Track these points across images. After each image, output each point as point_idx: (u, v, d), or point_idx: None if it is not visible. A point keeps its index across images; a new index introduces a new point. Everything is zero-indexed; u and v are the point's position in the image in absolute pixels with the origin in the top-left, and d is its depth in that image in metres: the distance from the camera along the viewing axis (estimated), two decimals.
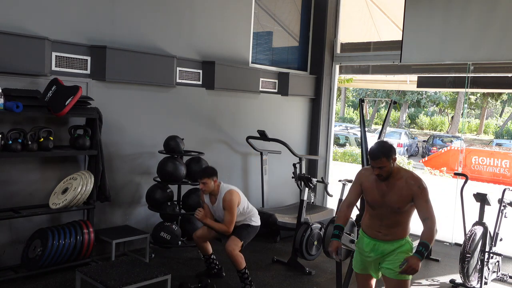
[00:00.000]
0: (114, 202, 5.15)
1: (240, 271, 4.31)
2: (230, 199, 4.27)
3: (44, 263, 4.25)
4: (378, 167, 3.01)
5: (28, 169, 4.51)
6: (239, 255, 4.27)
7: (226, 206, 4.28)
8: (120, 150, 5.21)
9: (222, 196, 4.30)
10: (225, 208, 4.28)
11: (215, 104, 6.18)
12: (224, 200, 4.28)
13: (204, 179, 4.28)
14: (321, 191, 7.48)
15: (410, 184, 3.02)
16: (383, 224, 3.13)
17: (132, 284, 3.50)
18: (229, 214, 4.27)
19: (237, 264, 4.27)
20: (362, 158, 5.71)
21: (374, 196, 3.12)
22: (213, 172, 4.34)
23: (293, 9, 7.37)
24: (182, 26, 5.70)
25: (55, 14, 4.56)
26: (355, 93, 33.03)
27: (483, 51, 5.93)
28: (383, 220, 3.12)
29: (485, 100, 27.68)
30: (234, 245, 4.26)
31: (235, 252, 4.25)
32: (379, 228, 3.15)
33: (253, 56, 6.71)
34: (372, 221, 3.21)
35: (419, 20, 6.39)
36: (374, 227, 3.18)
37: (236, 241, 4.29)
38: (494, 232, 4.95)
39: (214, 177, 4.32)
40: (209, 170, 4.37)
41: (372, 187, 3.14)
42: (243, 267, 4.30)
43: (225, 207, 4.28)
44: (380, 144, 3.11)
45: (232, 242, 4.28)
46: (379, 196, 3.10)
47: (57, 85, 4.32)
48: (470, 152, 14.88)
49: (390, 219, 3.10)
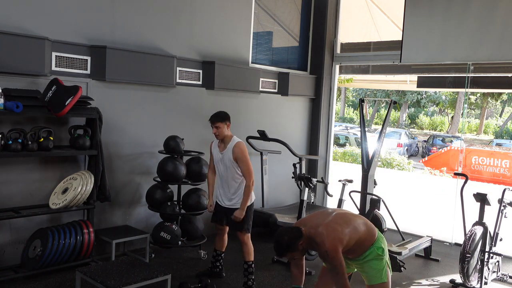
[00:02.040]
0: (114, 202, 5.15)
1: (247, 263, 4.38)
2: (242, 148, 4.23)
3: (44, 263, 4.25)
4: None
5: (28, 169, 4.51)
6: (251, 245, 4.38)
7: (239, 155, 4.19)
8: (120, 150, 5.20)
9: (234, 144, 4.23)
10: (239, 158, 4.20)
11: (215, 104, 6.17)
12: (236, 147, 4.20)
13: (217, 123, 4.21)
14: (321, 191, 7.47)
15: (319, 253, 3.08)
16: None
17: (132, 284, 3.50)
18: (244, 164, 4.22)
19: (247, 254, 4.35)
20: (362, 158, 5.72)
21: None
22: (226, 116, 4.26)
23: (293, 9, 7.37)
24: (182, 26, 5.70)
25: (55, 14, 4.56)
26: (355, 93, 33.03)
27: (483, 51, 5.93)
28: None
29: (485, 100, 27.68)
30: (245, 236, 4.35)
31: (249, 241, 4.35)
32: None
33: (253, 56, 6.71)
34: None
35: (419, 20, 6.40)
36: None
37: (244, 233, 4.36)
38: (494, 232, 4.95)
39: (228, 122, 4.25)
40: (222, 114, 4.27)
41: None
42: (251, 260, 4.37)
43: (238, 156, 4.19)
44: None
45: (242, 234, 4.35)
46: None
47: (57, 85, 4.32)
48: (470, 152, 14.88)
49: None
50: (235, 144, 4.23)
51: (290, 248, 2.97)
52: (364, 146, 5.69)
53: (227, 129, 4.25)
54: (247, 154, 4.26)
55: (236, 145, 4.22)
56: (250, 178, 4.25)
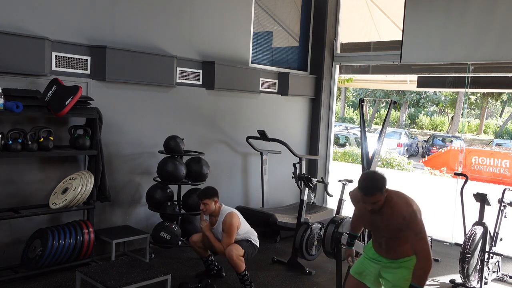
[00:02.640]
0: (114, 202, 5.15)
1: (240, 274, 4.30)
2: (230, 222, 4.23)
3: (44, 263, 4.25)
4: (370, 203, 2.77)
5: (28, 169, 4.51)
6: (239, 259, 4.23)
7: (225, 229, 4.23)
8: (120, 150, 5.20)
9: (222, 219, 4.27)
10: (224, 231, 4.24)
11: (215, 104, 6.18)
12: (224, 223, 4.24)
13: (205, 200, 4.25)
14: (321, 191, 7.47)
15: (398, 216, 2.79)
16: (383, 244, 3.00)
17: (132, 284, 3.50)
18: (227, 237, 4.24)
19: (237, 268, 4.26)
20: (362, 158, 5.71)
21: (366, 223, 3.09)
22: (214, 193, 4.30)
23: (293, 9, 7.37)
24: (182, 26, 5.70)
25: (55, 14, 4.56)
26: (355, 93, 33.02)
27: (483, 51, 5.93)
28: (382, 242, 3.00)
29: (485, 100, 27.68)
30: (235, 250, 4.22)
31: (235, 256, 4.20)
32: (379, 247, 3.04)
33: (253, 56, 6.71)
34: (374, 238, 3.10)
35: (419, 20, 6.39)
36: (376, 244, 3.09)
37: (236, 246, 4.26)
38: (494, 232, 4.95)
39: (215, 198, 4.29)
40: (210, 190, 4.31)
41: (363, 214, 3.02)
42: (243, 270, 4.29)
43: (224, 229, 4.24)
44: (371, 176, 2.81)
45: (233, 247, 4.24)
46: (371, 224, 3.00)
47: (57, 85, 4.32)
48: (470, 152, 14.87)
49: (389, 242, 2.96)
50: (223, 221, 4.26)
51: (384, 183, 2.76)
52: (364, 146, 5.68)
53: (215, 204, 4.29)
54: (234, 229, 4.25)
55: (224, 221, 4.26)
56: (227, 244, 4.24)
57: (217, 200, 4.31)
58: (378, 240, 3.03)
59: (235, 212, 4.34)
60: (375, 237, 3.06)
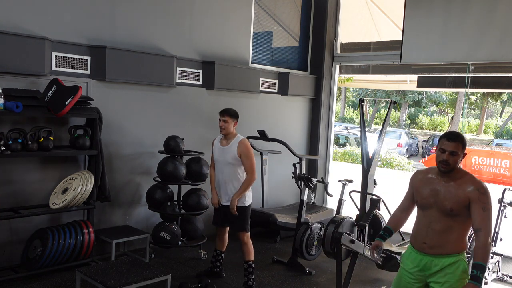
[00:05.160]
0: (114, 202, 5.15)
1: (247, 262, 4.40)
2: (247, 145, 4.32)
3: (44, 263, 4.25)
4: (450, 151, 2.65)
5: (28, 169, 4.51)
6: (251, 245, 4.41)
7: (244, 151, 4.27)
8: (120, 150, 5.20)
9: (238, 140, 4.31)
10: (244, 154, 4.28)
11: (215, 104, 6.17)
12: (241, 144, 4.28)
13: (226, 117, 4.29)
14: (321, 191, 7.47)
15: (468, 185, 2.65)
16: (430, 229, 2.74)
17: (132, 284, 3.50)
18: (248, 160, 4.30)
19: (247, 253, 4.39)
20: (362, 158, 5.71)
21: (425, 195, 2.77)
22: (236, 113, 4.37)
23: (293, 9, 7.37)
24: (182, 26, 5.70)
25: (55, 14, 4.56)
26: (355, 93, 33.03)
27: (483, 51, 5.93)
28: (431, 225, 2.74)
29: (485, 100, 27.69)
30: (245, 236, 4.39)
31: (249, 241, 4.38)
32: (425, 236, 2.76)
33: (253, 56, 6.71)
34: (419, 226, 2.83)
35: (419, 20, 6.39)
36: (421, 235, 2.80)
37: (243, 233, 4.39)
38: (494, 232, 4.95)
39: (235, 120, 4.35)
40: (232, 111, 4.37)
41: (425, 185, 2.80)
42: (251, 260, 4.40)
43: (243, 152, 4.27)
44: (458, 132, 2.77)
45: (242, 234, 4.38)
46: (431, 194, 2.75)
47: (57, 85, 4.33)
48: (470, 152, 14.86)
49: (439, 223, 2.71)
50: (240, 140, 4.31)
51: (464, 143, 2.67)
52: (364, 146, 5.68)
53: (233, 127, 4.33)
54: (252, 151, 4.35)
55: (242, 141, 4.31)
56: (252, 174, 4.33)
57: (236, 123, 4.36)
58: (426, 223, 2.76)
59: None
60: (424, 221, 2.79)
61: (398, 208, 3.08)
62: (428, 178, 2.81)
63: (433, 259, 2.74)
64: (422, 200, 2.79)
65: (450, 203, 2.66)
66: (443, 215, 2.70)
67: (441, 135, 2.76)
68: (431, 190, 2.75)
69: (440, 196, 2.71)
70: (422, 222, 2.80)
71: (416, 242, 2.84)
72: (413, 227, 2.93)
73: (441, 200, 2.70)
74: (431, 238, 2.74)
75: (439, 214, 2.71)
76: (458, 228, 2.71)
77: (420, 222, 2.84)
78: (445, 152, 2.67)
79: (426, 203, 2.77)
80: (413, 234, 2.90)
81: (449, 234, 2.71)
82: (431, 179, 2.79)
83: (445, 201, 2.68)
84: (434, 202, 2.73)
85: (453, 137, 2.69)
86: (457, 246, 2.73)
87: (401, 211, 3.05)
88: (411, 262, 2.84)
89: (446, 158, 2.66)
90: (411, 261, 2.84)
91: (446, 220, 2.70)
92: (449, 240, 2.71)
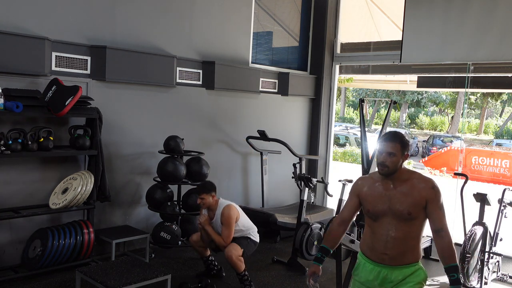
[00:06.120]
0: (114, 202, 5.15)
1: (240, 274, 4.31)
2: (228, 214, 4.25)
3: (44, 263, 4.25)
4: (387, 151, 2.51)
5: (28, 169, 4.51)
6: (238, 259, 4.25)
7: (224, 221, 4.25)
8: (120, 150, 5.21)
9: (220, 211, 4.28)
10: (223, 223, 4.26)
11: (215, 104, 6.18)
12: (222, 215, 4.26)
13: (202, 195, 4.28)
14: (321, 191, 7.47)
15: (421, 185, 2.53)
16: (390, 239, 2.56)
17: (132, 284, 3.50)
18: (226, 229, 4.25)
19: (236, 268, 4.27)
20: (362, 158, 5.71)
21: (375, 203, 2.58)
22: (211, 187, 4.33)
23: (293, 9, 7.37)
24: (182, 26, 5.70)
25: (55, 14, 4.56)
26: (355, 93, 33.03)
27: (483, 51, 5.93)
28: (390, 233, 2.56)
29: (485, 100, 27.68)
30: (234, 250, 4.24)
31: (234, 257, 4.21)
32: (385, 247, 2.57)
33: (253, 56, 6.71)
34: (376, 236, 2.61)
35: (419, 20, 6.39)
36: (379, 246, 2.59)
37: (235, 246, 4.28)
38: (494, 232, 4.95)
39: (213, 193, 4.31)
40: (207, 185, 4.35)
41: (373, 192, 2.61)
42: (243, 270, 4.30)
43: (223, 222, 4.26)
44: (397, 132, 2.63)
45: (232, 247, 4.25)
46: (382, 201, 2.57)
47: (57, 85, 4.33)
48: (470, 152, 14.88)
49: (398, 231, 2.55)
50: (221, 212, 4.28)
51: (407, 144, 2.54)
52: (364, 146, 5.68)
53: (212, 199, 4.31)
54: (233, 220, 4.27)
55: (222, 213, 4.27)
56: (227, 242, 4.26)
57: (214, 195, 4.33)
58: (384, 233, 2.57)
59: (232, 205, 4.36)
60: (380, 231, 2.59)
61: (336, 222, 2.81)
62: (374, 185, 2.63)
63: (394, 270, 2.59)
64: (374, 209, 2.59)
65: (407, 206, 2.52)
66: (400, 221, 2.54)
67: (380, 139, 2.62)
68: (381, 197, 2.58)
69: (393, 202, 2.54)
70: (378, 232, 2.60)
71: (373, 253, 2.64)
72: (363, 238, 2.75)
73: (395, 205, 2.54)
74: (391, 248, 2.57)
75: (396, 221, 2.55)
76: (416, 233, 2.59)
77: (375, 232, 2.62)
78: (382, 154, 2.54)
79: (379, 212, 2.58)
80: (367, 245, 2.69)
81: (409, 240, 2.57)
82: (378, 185, 2.61)
83: (400, 206, 2.53)
84: (388, 209, 2.55)
85: (390, 137, 2.55)
86: (417, 254, 2.62)
87: (339, 225, 2.77)
88: (367, 274, 2.66)
89: (383, 160, 2.52)
90: (368, 273, 2.66)
91: (405, 226, 2.55)
92: (409, 247, 2.58)
